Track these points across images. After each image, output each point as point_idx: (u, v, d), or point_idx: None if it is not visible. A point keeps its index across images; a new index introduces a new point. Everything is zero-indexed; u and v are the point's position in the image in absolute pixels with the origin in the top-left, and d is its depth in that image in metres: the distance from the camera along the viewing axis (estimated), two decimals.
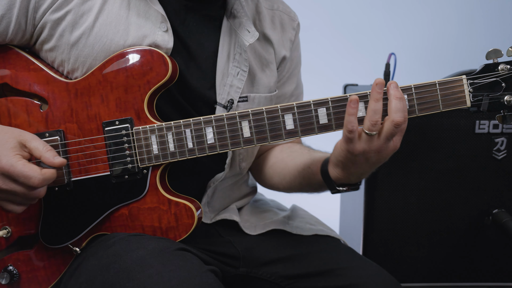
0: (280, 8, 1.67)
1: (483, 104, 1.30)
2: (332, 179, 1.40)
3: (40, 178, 1.24)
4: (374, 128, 1.26)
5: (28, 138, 1.29)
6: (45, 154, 1.27)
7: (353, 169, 1.34)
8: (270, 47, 1.62)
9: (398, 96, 1.26)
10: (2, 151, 1.25)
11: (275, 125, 1.34)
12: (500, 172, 2.09)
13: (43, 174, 1.25)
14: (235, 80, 1.51)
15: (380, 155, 1.30)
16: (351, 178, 1.38)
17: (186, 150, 1.37)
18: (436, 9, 3.71)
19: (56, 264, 1.44)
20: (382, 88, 1.28)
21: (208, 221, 1.60)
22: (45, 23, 1.38)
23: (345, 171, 1.36)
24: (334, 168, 1.38)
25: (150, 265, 1.23)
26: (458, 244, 2.15)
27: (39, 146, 1.28)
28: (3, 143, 1.26)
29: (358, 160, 1.31)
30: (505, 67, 1.28)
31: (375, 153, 1.29)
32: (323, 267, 1.49)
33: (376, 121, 1.26)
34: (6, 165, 1.23)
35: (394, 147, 1.30)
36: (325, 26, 3.72)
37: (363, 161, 1.31)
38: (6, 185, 1.25)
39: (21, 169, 1.23)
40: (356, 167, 1.33)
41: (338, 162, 1.36)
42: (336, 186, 1.41)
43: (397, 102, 1.26)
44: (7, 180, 1.25)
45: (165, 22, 1.42)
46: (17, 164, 1.23)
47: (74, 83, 1.39)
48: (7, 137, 1.27)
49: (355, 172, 1.35)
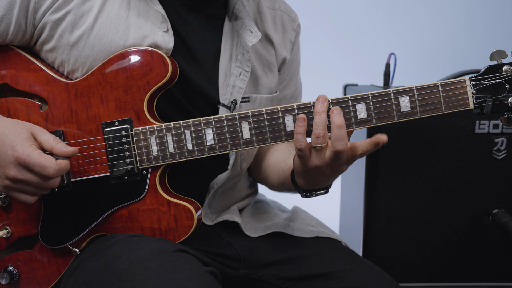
0: (282, 8, 1.66)
1: (486, 106, 1.28)
2: (299, 186, 1.42)
3: (55, 168, 1.25)
4: (319, 140, 1.26)
5: (38, 131, 1.30)
6: (56, 145, 1.28)
7: (312, 180, 1.36)
8: (271, 48, 1.61)
9: (339, 124, 1.25)
10: (17, 141, 1.26)
11: (275, 127, 1.33)
12: (500, 172, 2.09)
13: (58, 164, 1.26)
14: (237, 80, 1.51)
15: (333, 169, 1.30)
16: (315, 185, 1.39)
17: (185, 151, 1.37)
18: (437, 9, 3.71)
19: (55, 264, 1.44)
20: (324, 102, 1.27)
21: (210, 223, 1.60)
22: (45, 24, 1.38)
23: (306, 180, 1.38)
24: (297, 177, 1.40)
25: (148, 266, 1.23)
26: (458, 244, 2.14)
27: (49, 139, 1.29)
28: (17, 134, 1.27)
29: (314, 174, 1.32)
30: (509, 68, 1.27)
31: (328, 168, 1.30)
32: (324, 269, 1.49)
33: (319, 134, 1.26)
34: (23, 154, 1.24)
35: (347, 161, 1.30)
36: (326, 26, 3.71)
37: (319, 174, 1.32)
38: (21, 175, 1.25)
39: (37, 158, 1.24)
40: (314, 178, 1.35)
41: (298, 174, 1.38)
42: (304, 192, 1.43)
43: (338, 130, 1.24)
44: (23, 170, 1.25)
45: (166, 22, 1.41)
46: (33, 154, 1.24)
47: (74, 84, 1.39)
48: (20, 128, 1.28)
49: (315, 182, 1.37)
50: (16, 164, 1.25)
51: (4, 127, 1.28)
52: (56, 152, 1.28)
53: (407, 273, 2.17)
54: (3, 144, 1.26)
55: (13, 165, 1.25)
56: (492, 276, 2.17)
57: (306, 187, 1.41)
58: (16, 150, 1.24)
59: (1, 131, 1.27)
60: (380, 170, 2.09)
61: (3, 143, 1.26)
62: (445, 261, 2.16)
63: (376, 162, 2.09)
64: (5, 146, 1.26)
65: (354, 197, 2.28)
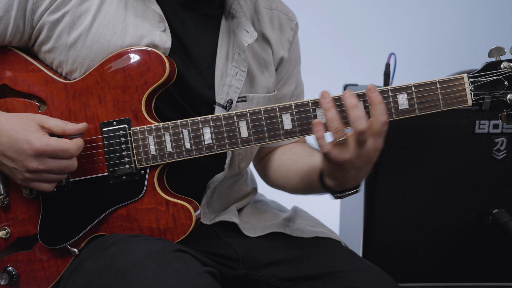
0: (279, 8, 1.67)
1: (485, 103, 1.28)
2: (329, 187, 1.40)
3: (75, 146, 1.30)
4: (338, 134, 1.26)
5: (43, 119, 1.32)
6: (66, 126, 1.32)
7: (344, 177, 1.34)
8: (268, 47, 1.61)
9: (353, 104, 1.25)
10: (31, 134, 1.28)
11: (273, 125, 1.33)
12: (500, 172, 2.09)
13: (76, 143, 1.31)
14: (234, 80, 1.51)
15: (363, 159, 1.29)
16: (347, 184, 1.37)
17: (183, 150, 1.37)
18: (437, 9, 3.71)
19: (55, 264, 1.44)
20: (328, 97, 1.28)
21: (208, 222, 1.60)
22: (43, 25, 1.38)
23: (337, 180, 1.36)
24: (328, 178, 1.39)
25: (146, 266, 1.23)
26: (458, 244, 2.14)
27: (58, 123, 1.32)
28: (27, 127, 1.29)
29: (345, 168, 1.31)
30: (507, 65, 1.26)
31: (357, 158, 1.28)
32: (323, 269, 1.49)
33: (337, 128, 1.26)
34: (41, 145, 1.27)
35: (375, 148, 1.28)
36: (325, 26, 3.71)
37: (350, 167, 1.30)
38: (43, 165, 1.28)
39: (56, 144, 1.28)
40: (345, 175, 1.33)
41: (328, 173, 1.37)
42: (335, 193, 1.41)
43: (353, 110, 1.25)
44: (44, 158, 1.28)
45: (163, 22, 1.42)
46: (50, 141, 1.28)
47: (72, 84, 1.39)
48: (27, 121, 1.30)
49: (347, 179, 1.35)
50: (36, 156, 1.27)
51: (11, 122, 1.30)
52: (69, 132, 1.32)
53: (407, 273, 2.17)
54: (16, 140, 1.28)
55: (33, 157, 1.27)
56: (492, 276, 2.17)
57: (337, 188, 1.39)
58: (32, 143, 1.27)
59: (9, 127, 1.29)
60: (380, 170, 2.09)
61: (15, 139, 1.28)
62: (445, 261, 2.16)
63: (376, 162, 2.08)
64: (19, 141, 1.27)
65: (354, 197, 2.27)
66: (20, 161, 1.28)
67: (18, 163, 1.29)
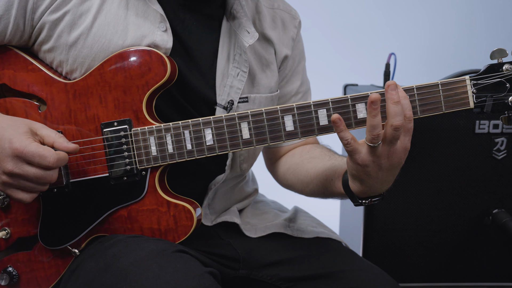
0: (281, 7, 1.66)
1: (486, 105, 1.27)
2: (354, 192, 1.34)
3: (55, 157, 1.24)
4: (376, 140, 1.21)
5: (38, 126, 1.30)
6: (58, 139, 1.28)
7: (370, 180, 1.28)
8: (270, 47, 1.61)
9: (395, 99, 1.21)
10: (14, 134, 1.25)
11: (274, 127, 1.33)
12: (500, 172, 2.09)
13: (57, 154, 1.25)
14: (235, 81, 1.51)
15: (391, 159, 1.24)
16: (372, 189, 1.31)
17: (184, 151, 1.37)
18: (437, 9, 3.71)
19: (55, 265, 1.44)
20: (378, 104, 1.21)
21: (209, 224, 1.59)
22: (43, 24, 1.38)
23: (363, 184, 1.30)
24: (352, 182, 1.32)
25: (147, 267, 1.23)
26: (458, 244, 2.14)
27: (51, 133, 1.29)
28: (15, 128, 1.26)
29: (371, 171, 1.25)
30: (509, 67, 1.26)
31: (385, 159, 1.23)
32: (324, 269, 1.49)
33: (377, 135, 1.21)
34: (20, 146, 1.23)
35: (404, 148, 1.24)
36: (325, 26, 3.71)
37: (377, 169, 1.25)
38: (18, 168, 1.24)
39: (35, 149, 1.23)
40: (371, 178, 1.27)
41: (354, 176, 1.30)
42: (359, 199, 1.35)
43: (394, 106, 1.20)
44: (20, 162, 1.24)
45: (164, 22, 1.41)
46: (31, 145, 1.24)
47: (72, 84, 1.39)
48: (19, 123, 1.28)
49: (373, 183, 1.29)
50: (13, 157, 1.24)
51: (3, 122, 1.29)
52: (58, 146, 1.28)
53: (407, 273, 2.17)
54: (1, 138, 1.25)
55: (10, 158, 1.24)
56: (492, 276, 2.17)
57: (362, 193, 1.33)
58: (13, 142, 1.23)
59: (0, 126, 1.27)
60: None
61: (1, 137, 1.25)
62: (445, 261, 2.16)
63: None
64: (3, 140, 1.25)
65: None
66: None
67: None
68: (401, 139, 1.23)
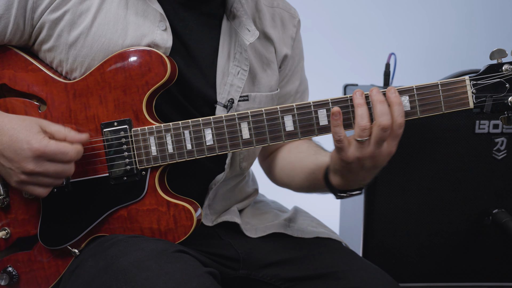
0: (280, 5, 1.66)
1: (486, 105, 1.28)
2: (334, 186, 1.41)
3: (74, 150, 1.29)
4: (364, 133, 1.26)
5: (46, 123, 1.32)
6: (69, 134, 1.31)
7: (351, 176, 1.34)
8: (270, 46, 1.61)
9: (380, 99, 1.26)
10: (31, 135, 1.27)
11: (274, 127, 1.33)
12: (500, 172, 2.09)
13: (75, 147, 1.30)
14: (235, 79, 1.51)
15: (374, 160, 1.29)
16: (352, 184, 1.38)
17: (184, 151, 1.37)
18: (437, 9, 3.71)
19: (55, 265, 1.44)
20: (362, 94, 1.28)
21: (210, 224, 1.59)
22: (43, 23, 1.38)
23: (343, 178, 1.36)
24: (333, 176, 1.39)
25: (147, 267, 1.23)
26: (458, 244, 2.15)
27: (61, 129, 1.32)
28: (29, 129, 1.28)
29: (353, 168, 1.31)
30: (509, 67, 1.26)
31: (369, 159, 1.29)
32: (324, 270, 1.49)
33: (365, 126, 1.26)
34: (41, 146, 1.26)
35: (388, 151, 1.29)
36: (325, 26, 3.71)
37: (359, 168, 1.31)
38: (40, 167, 1.27)
39: (56, 147, 1.27)
40: (353, 174, 1.33)
41: (335, 171, 1.37)
42: (338, 193, 1.42)
43: (380, 105, 1.25)
44: (41, 161, 1.27)
45: (164, 21, 1.41)
46: (50, 143, 1.27)
47: (72, 84, 1.39)
48: (30, 123, 1.30)
49: (353, 179, 1.35)
50: (34, 157, 1.26)
51: (13, 122, 1.30)
52: (71, 139, 1.31)
53: (407, 273, 2.17)
54: (16, 140, 1.27)
55: (31, 158, 1.26)
56: (492, 276, 2.18)
57: (342, 187, 1.39)
58: (31, 143, 1.26)
59: (11, 127, 1.29)
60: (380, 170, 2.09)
61: (16, 138, 1.27)
62: (445, 261, 2.16)
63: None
64: (19, 141, 1.27)
65: (354, 197, 2.27)
66: (17, 161, 1.27)
67: (15, 163, 1.28)
68: (389, 142, 1.27)
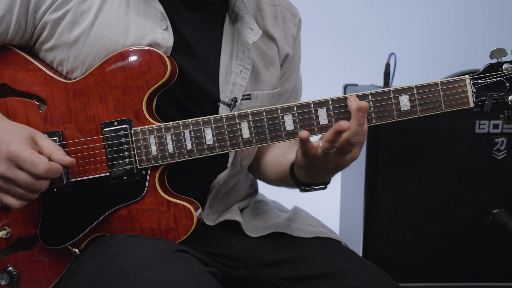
0: (282, 4, 1.67)
1: (486, 104, 1.28)
2: (298, 179, 1.44)
3: (46, 166, 1.25)
4: (331, 149, 1.27)
5: (40, 136, 1.31)
6: (55, 152, 1.29)
7: (314, 173, 1.37)
8: (273, 44, 1.61)
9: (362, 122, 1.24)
10: (14, 137, 1.26)
11: (274, 126, 1.33)
12: (500, 172, 2.09)
13: (50, 164, 1.26)
14: (238, 78, 1.51)
15: (338, 164, 1.31)
16: (315, 180, 1.41)
17: (185, 151, 1.37)
18: (436, 9, 3.71)
19: (55, 264, 1.44)
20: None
21: (211, 223, 1.59)
22: (45, 23, 1.38)
23: (307, 174, 1.39)
24: (298, 170, 1.42)
25: (148, 266, 1.23)
26: (458, 244, 2.14)
27: (50, 145, 1.30)
28: (17, 132, 1.28)
29: (317, 168, 1.33)
30: (509, 66, 1.27)
31: (333, 164, 1.31)
32: (324, 269, 1.49)
33: (334, 144, 1.25)
34: (15, 150, 1.24)
35: (352, 157, 1.31)
36: (325, 26, 3.71)
37: (322, 169, 1.33)
38: (10, 172, 1.25)
39: (29, 155, 1.24)
40: (316, 172, 1.36)
41: (299, 167, 1.39)
42: (302, 186, 1.45)
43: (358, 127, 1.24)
44: (12, 166, 1.25)
45: (165, 20, 1.41)
46: (26, 150, 1.25)
47: (72, 84, 1.39)
48: (22, 129, 1.30)
49: (317, 176, 1.38)
50: (6, 160, 1.24)
51: (7, 126, 1.30)
52: (54, 158, 1.28)
53: (407, 273, 2.17)
54: (0, 141, 1.26)
55: (4, 160, 1.25)
56: (492, 276, 2.17)
57: (306, 181, 1.42)
58: (9, 145, 1.25)
59: (4, 130, 1.29)
60: (380, 170, 2.09)
61: (1, 139, 1.26)
62: (445, 261, 2.16)
63: (376, 162, 2.09)
64: (2, 142, 1.26)
65: (354, 197, 2.28)
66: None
67: None
68: (353, 150, 1.29)
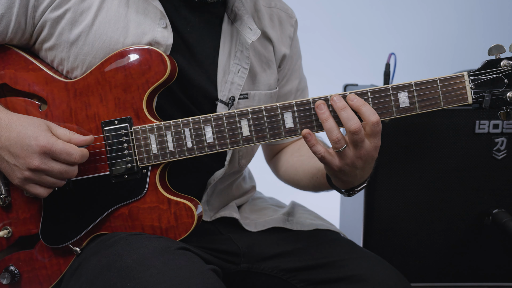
0: (278, 6, 1.68)
1: (485, 100, 1.29)
2: (338, 187, 1.45)
3: (79, 153, 1.31)
4: (339, 144, 1.28)
5: (53, 126, 1.34)
6: (73, 137, 1.33)
7: (349, 178, 1.37)
8: (269, 45, 1.62)
9: (342, 106, 1.28)
10: (39, 132, 1.29)
11: (274, 124, 1.34)
12: (500, 172, 2.09)
13: (81, 150, 1.31)
14: (236, 77, 1.52)
15: (363, 158, 1.31)
16: (353, 183, 1.40)
17: (185, 149, 1.37)
18: (436, 9, 3.71)
19: (57, 263, 1.44)
20: (324, 108, 1.30)
21: (208, 219, 1.60)
22: (45, 22, 1.38)
23: (343, 181, 1.39)
24: (334, 179, 1.42)
25: (151, 264, 1.23)
26: (458, 244, 2.14)
27: (66, 132, 1.34)
28: (37, 126, 1.30)
29: (348, 171, 1.34)
30: (507, 63, 1.27)
31: (358, 160, 1.31)
32: (324, 259, 1.50)
33: (337, 138, 1.28)
34: (48, 143, 1.28)
35: (374, 147, 1.31)
36: (325, 26, 3.72)
37: (353, 169, 1.33)
38: (45, 164, 1.28)
39: (62, 146, 1.29)
40: (350, 176, 1.36)
41: (331, 176, 1.41)
42: (345, 192, 1.45)
43: (344, 112, 1.28)
44: (46, 158, 1.29)
45: (164, 19, 1.42)
46: (58, 142, 1.29)
47: (73, 83, 1.39)
48: (37, 122, 1.32)
49: (353, 179, 1.38)
50: (40, 154, 1.28)
51: (22, 120, 1.32)
52: (75, 142, 1.32)
53: (407, 273, 2.16)
54: (24, 136, 1.29)
55: (37, 154, 1.28)
56: (492, 276, 2.17)
57: (345, 186, 1.42)
58: (39, 140, 1.28)
59: (19, 124, 1.31)
60: (380, 170, 2.09)
61: (24, 135, 1.29)
62: (445, 261, 2.16)
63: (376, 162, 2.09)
64: (27, 137, 1.28)
65: (354, 197, 2.27)
66: (23, 157, 1.28)
67: (20, 159, 1.29)
68: (371, 141, 1.29)
